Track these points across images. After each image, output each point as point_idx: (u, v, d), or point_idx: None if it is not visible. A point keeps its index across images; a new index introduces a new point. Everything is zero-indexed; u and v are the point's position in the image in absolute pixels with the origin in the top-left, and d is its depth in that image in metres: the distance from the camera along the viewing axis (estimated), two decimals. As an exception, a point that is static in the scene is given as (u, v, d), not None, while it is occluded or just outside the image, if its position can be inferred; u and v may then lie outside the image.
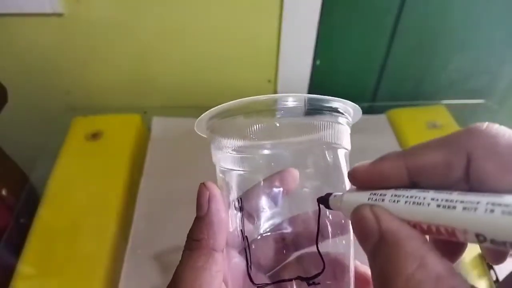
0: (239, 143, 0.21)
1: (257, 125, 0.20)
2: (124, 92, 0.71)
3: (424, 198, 0.15)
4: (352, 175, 0.18)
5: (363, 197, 0.17)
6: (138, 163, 0.59)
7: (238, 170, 0.22)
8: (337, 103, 0.20)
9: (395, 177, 0.16)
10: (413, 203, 0.15)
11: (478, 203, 0.13)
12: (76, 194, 0.53)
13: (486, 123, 0.15)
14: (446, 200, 0.14)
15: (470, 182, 0.15)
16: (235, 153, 0.21)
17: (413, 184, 0.16)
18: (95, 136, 0.60)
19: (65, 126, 0.62)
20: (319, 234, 0.21)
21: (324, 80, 0.72)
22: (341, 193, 0.19)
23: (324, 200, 0.20)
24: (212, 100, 0.73)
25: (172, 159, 0.61)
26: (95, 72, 0.67)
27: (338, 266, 0.21)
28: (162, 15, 0.60)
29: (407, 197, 0.15)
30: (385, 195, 0.16)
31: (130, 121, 0.63)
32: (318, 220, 0.22)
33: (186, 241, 0.20)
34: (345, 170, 0.22)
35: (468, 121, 0.69)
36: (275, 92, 0.72)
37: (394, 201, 0.16)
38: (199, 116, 0.22)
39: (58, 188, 0.53)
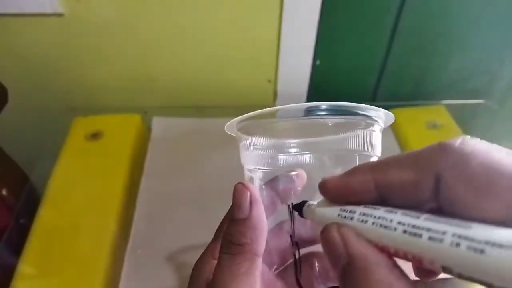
0: (267, 142, 0.21)
1: (287, 127, 0.20)
2: (124, 92, 0.71)
3: (391, 221, 0.14)
4: (322, 188, 0.18)
5: (333, 212, 0.17)
6: (138, 163, 0.59)
7: (266, 169, 0.22)
8: (371, 111, 0.20)
9: (364, 193, 0.16)
10: (381, 225, 0.14)
11: (444, 233, 0.12)
12: (76, 194, 0.53)
13: (461, 139, 0.14)
14: (413, 226, 0.13)
15: (440, 202, 0.14)
16: (263, 152, 0.21)
17: (383, 199, 0.16)
18: (95, 136, 0.60)
19: (65, 126, 0.62)
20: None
21: (324, 80, 0.72)
22: (314, 203, 0.19)
23: (298, 208, 0.20)
24: (212, 100, 0.73)
25: (172, 159, 0.61)
26: (95, 72, 0.67)
27: None
28: (162, 15, 0.60)
29: (375, 217, 0.15)
30: (354, 212, 0.16)
31: (130, 121, 0.63)
32: (292, 225, 0.22)
33: (223, 244, 0.19)
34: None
35: (468, 121, 0.69)
36: (275, 91, 0.72)
37: (362, 220, 0.15)
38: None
39: (58, 188, 0.53)
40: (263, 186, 0.22)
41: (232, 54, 0.67)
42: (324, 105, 0.20)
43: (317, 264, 0.22)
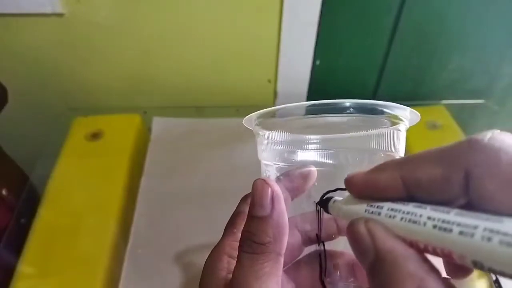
0: (288, 137, 0.20)
1: (309, 123, 0.20)
2: (124, 92, 0.71)
3: (420, 216, 0.14)
4: (348, 183, 0.17)
5: (360, 208, 0.16)
6: (138, 163, 0.59)
7: (283, 165, 0.21)
8: (397, 109, 0.20)
9: (391, 189, 0.16)
10: (409, 220, 0.14)
11: (475, 227, 0.12)
12: (76, 194, 0.53)
13: (490, 133, 0.14)
14: (443, 221, 0.13)
15: (470, 198, 0.14)
16: (281, 147, 0.21)
17: (410, 196, 0.16)
18: (95, 136, 0.60)
19: (65, 126, 0.62)
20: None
21: (324, 80, 0.72)
22: (340, 199, 0.18)
23: (324, 203, 0.20)
24: (212, 100, 0.73)
25: (172, 159, 0.61)
26: (95, 72, 0.67)
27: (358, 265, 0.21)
28: (163, 15, 0.60)
29: (403, 213, 0.15)
30: (382, 208, 0.16)
31: (130, 121, 0.63)
32: (320, 224, 0.21)
33: (244, 243, 0.18)
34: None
35: (468, 121, 0.69)
36: (275, 91, 0.72)
37: (390, 216, 0.15)
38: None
39: (58, 188, 0.53)
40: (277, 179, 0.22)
41: (232, 54, 0.67)
42: (348, 102, 0.19)
43: (329, 262, 0.22)
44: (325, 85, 0.73)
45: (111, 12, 0.59)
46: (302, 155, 0.20)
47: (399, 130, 0.21)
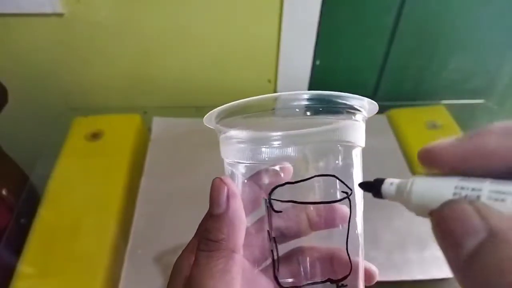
0: (248, 134, 0.20)
1: (268, 119, 0.20)
2: (124, 92, 0.71)
3: None
4: (430, 155, 0.14)
5: (446, 189, 0.13)
6: (138, 163, 0.59)
7: (246, 163, 0.21)
8: (354, 100, 0.20)
9: (498, 160, 0.13)
10: None
11: None
12: (76, 194, 0.53)
13: None
14: None
15: None
16: (243, 145, 0.21)
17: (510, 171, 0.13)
18: (95, 136, 0.60)
19: (65, 126, 0.62)
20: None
21: (324, 80, 0.72)
22: (398, 181, 0.16)
23: (371, 187, 0.17)
24: (212, 100, 0.73)
25: (172, 159, 0.61)
26: (95, 72, 0.67)
27: (351, 264, 0.21)
28: (162, 15, 0.60)
29: None
30: (480, 190, 0.13)
31: (130, 121, 0.63)
32: (270, 220, 0.21)
33: (200, 242, 0.19)
34: (358, 168, 0.21)
35: (468, 121, 0.69)
36: (275, 91, 0.72)
37: (496, 199, 0.12)
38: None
39: (58, 188, 0.53)
40: (245, 181, 0.21)
41: (232, 54, 0.67)
42: (304, 94, 0.19)
43: (307, 259, 0.21)
44: (325, 85, 0.73)
45: (111, 12, 0.59)
46: (265, 152, 0.20)
47: (356, 120, 0.21)
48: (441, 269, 0.46)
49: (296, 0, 0.59)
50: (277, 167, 0.21)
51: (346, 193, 0.21)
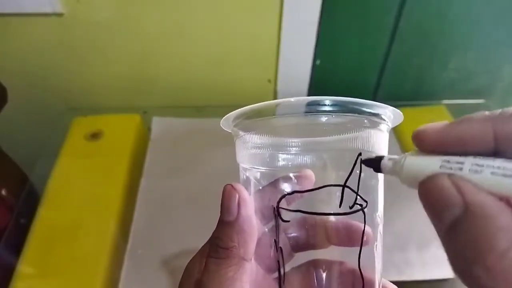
0: (265, 140, 0.20)
1: (288, 125, 0.19)
2: (124, 92, 0.71)
3: None
4: (419, 136, 0.15)
5: (433, 163, 0.15)
6: (138, 163, 0.59)
7: (263, 169, 0.21)
8: (380, 108, 0.19)
9: (478, 143, 0.14)
10: (503, 175, 0.13)
11: None
12: (76, 194, 0.53)
13: None
14: None
15: None
16: (261, 150, 0.20)
17: (497, 153, 0.14)
18: (95, 136, 0.60)
19: (65, 126, 0.62)
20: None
21: (324, 80, 0.72)
22: (396, 157, 0.17)
23: (372, 162, 0.17)
24: (213, 100, 0.73)
25: (172, 159, 0.61)
26: (95, 72, 0.67)
27: (367, 282, 0.20)
28: (162, 15, 0.60)
29: (493, 167, 0.13)
30: (462, 163, 0.14)
31: (130, 121, 0.63)
32: (277, 230, 0.20)
33: (211, 248, 0.19)
34: (381, 181, 0.20)
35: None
36: (275, 91, 0.72)
37: (476, 171, 0.13)
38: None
39: (58, 188, 0.53)
40: (261, 188, 0.21)
41: (232, 54, 0.67)
42: (327, 100, 0.18)
43: (321, 271, 0.21)
44: (325, 85, 0.72)
45: (110, 12, 0.59)
46: (284, 159, 0.20)
47: (380, 130, 0.20)
48: (442, 270, 0.46)
49: (296, 0, 0.59)
50: (295, 174, 0.20)
51: (361, 205, 0.20)
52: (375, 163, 0.17)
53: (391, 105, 0.20)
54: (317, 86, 0.71)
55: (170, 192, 0.55)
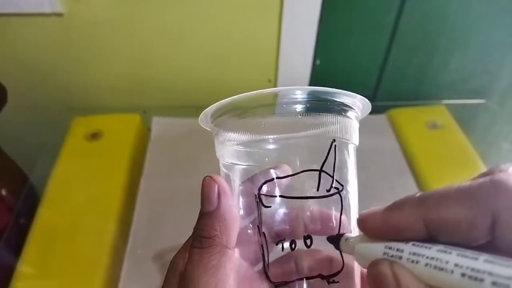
0: (243, 137, 0.20)
1: (262, 119, 0.20)
2: (124, 92, 0.71)
3: (446, 263, 0.13)
4: (362, 224, 0.17)
5: (377, 250, 0.16)
6: (138, 163, 0.59)
7: (242, 165, 0.21)
8: (346, 97, 0.20)
9: (412, 230, 0.15)
10: (435, 267, 0.14)
11: (510, 279, 0.11)
12: (76, 194, 0.53)
13: (511, 168, 0.14)
14: (472, 270, 0.12)
15: (496, 241, 0.14)
16: (239, 147, 0.21)
17: (430, 236, 0.15)
18: (95, 136, 0.60)
19: (65, 126, 0.62)
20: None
21: (324, 80, 0.72)
22: (353, 237, 0.18)
23: (334, 241, 0.20)
24: (213, 100, 0.72)
25: (172, 159, 0.60)
26: (95, 72, 0.67)
27: (347, 265, 0.21)
28: (162, 15, 0.60)
29: (428, 258, 0.14)
30: (402, 251, 0.15)
31: (130, 121, 0.63)
32: (259, 216, 0.21)
33: (194, 239, 0.19)
34: (352, 166, 0.21)
35: (468, 121, 0.69)
36: (275, 92, 0.72)
37: (413, 261, 0.14)
38: (199, 116, 0.22)
39: (58, 188, 0.53)
40: (240, 184, 0.21)
41: (232, 54, 0.67)
42: (296, 90, 0.19)
43: (302, 260, 0.21)
44: (325, 85, 0.72)
45: (110, 12, 0.59)
46: (261, 154, 0.21)
47: (349, 118, 0.21)
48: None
49: (296, 0, 0.59)
50: (272, 169, 0.21)
51: (337, 188, 0.21)
52: (335, 241, 0.20)
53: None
54: (317, 85, 0.71)
55: (170, 192, 0.55)
